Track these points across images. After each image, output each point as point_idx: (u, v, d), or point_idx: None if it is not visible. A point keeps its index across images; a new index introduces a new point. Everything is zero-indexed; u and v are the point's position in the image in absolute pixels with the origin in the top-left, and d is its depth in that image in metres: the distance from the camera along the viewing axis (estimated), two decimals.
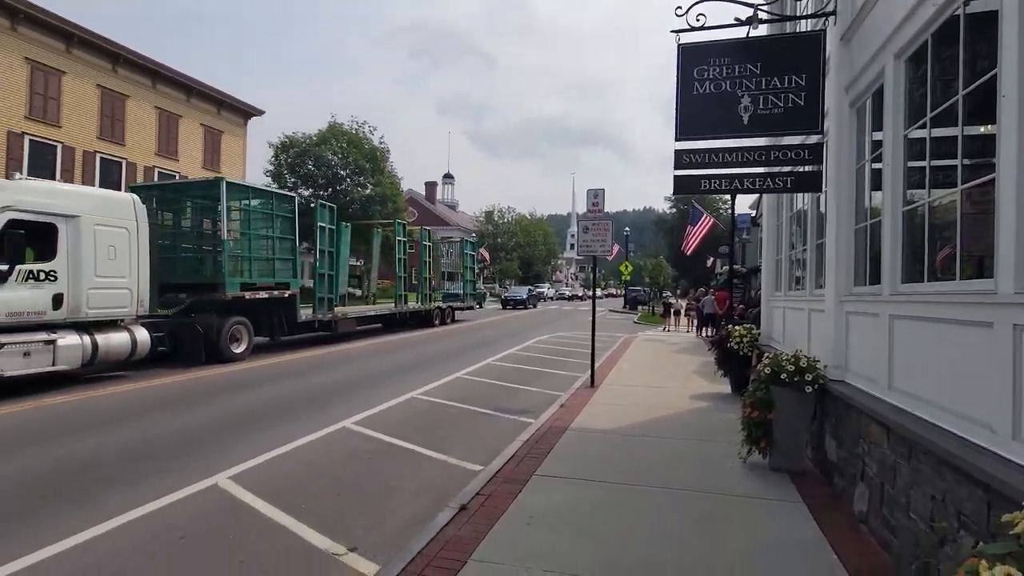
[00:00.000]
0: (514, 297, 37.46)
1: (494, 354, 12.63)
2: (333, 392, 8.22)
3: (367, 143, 33.89)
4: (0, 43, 17.82)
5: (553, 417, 6.47)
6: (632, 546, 3.29)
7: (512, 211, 61.39)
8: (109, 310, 8.93)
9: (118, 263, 9.00)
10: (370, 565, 3.25)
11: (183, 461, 4.97)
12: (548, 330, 19.70)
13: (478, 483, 4.29)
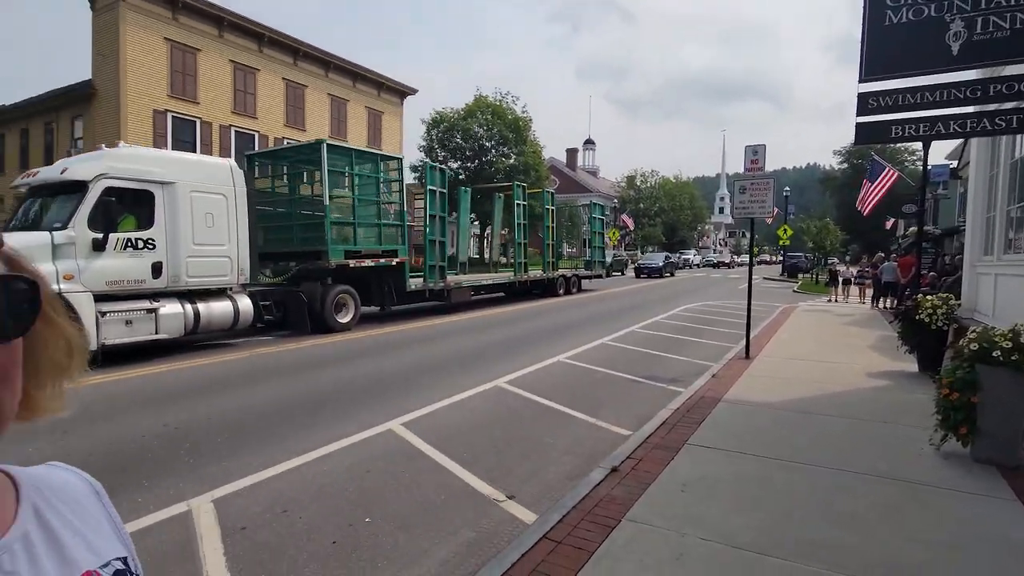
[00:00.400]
0: (648, 265, 33.98)
1: (635, 323, 12.40)
2: (468, 358, 8.74)
3: (510, 114, 34.53)
4: (212, 49, 21.09)
5: (705, 387, 6.23)
6: (799, 525, 3.11)
7: (656, 175, 58.68)
8: (208, 278, 8.83)
9: (216, 231, 8.84)
10: (527, 512, 3.48)
11: (358, 409, 5.68)
12: (694, 298, 18.78)
13: (628, 447, 4.32)
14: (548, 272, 18.53)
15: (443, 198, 13.34)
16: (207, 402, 5.83)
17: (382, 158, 12.49)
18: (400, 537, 3.18)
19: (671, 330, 11.37)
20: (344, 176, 11.49)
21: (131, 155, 8.40)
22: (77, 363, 0.52)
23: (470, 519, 3.40)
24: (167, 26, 19.78)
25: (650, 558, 2.74)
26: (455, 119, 34.18)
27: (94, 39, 19.63)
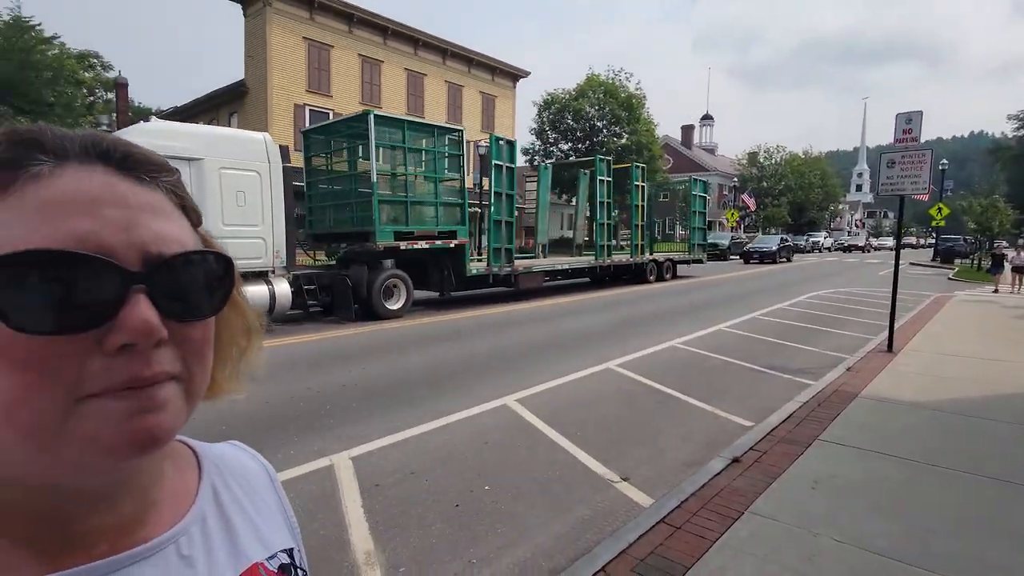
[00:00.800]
0: (760, 249, 29.51)
1: (755, 310, 11.63)
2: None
3: (623, 91, 33.54)
4: (342, 45, 22.70)
5: (838, 381, 5.73)
6: (953, 538, 2.79)
7: (782, 150, 53.90)
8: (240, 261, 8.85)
9: (248, 210, 8.23)
10: (642, 496, 3.46)
11: (472, 384, 5.94)
12: (824, 284, 17.18)
13: (751, 438, 4.12)
14: (636, 256, 16.65)
15: (511, 174, 12.02)
16: (338, 372, 6.42)
17: (439, 130, 11.14)
18: (517, 507, 3.32)
19: (797, 318, 10.53)
20: (400, 151, 10.35)
21: (156, 130, 7.90)
22: (254, 345, 0.52)
23: (584, 497, 3.46)
24: (305, 25, 21.58)
25: (777, 555, 2.62)
26: (566, 100, 33.88)
27: (246, 42, 21.95)
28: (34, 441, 0.35)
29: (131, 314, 0.36)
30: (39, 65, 19.00)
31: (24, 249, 0.34)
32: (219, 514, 0.50)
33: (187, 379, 0.40)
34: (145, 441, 0.37)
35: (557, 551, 2.87)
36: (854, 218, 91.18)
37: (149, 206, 0.40)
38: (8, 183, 0.36)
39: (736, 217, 35.27)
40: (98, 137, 0.40)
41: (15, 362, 0.34)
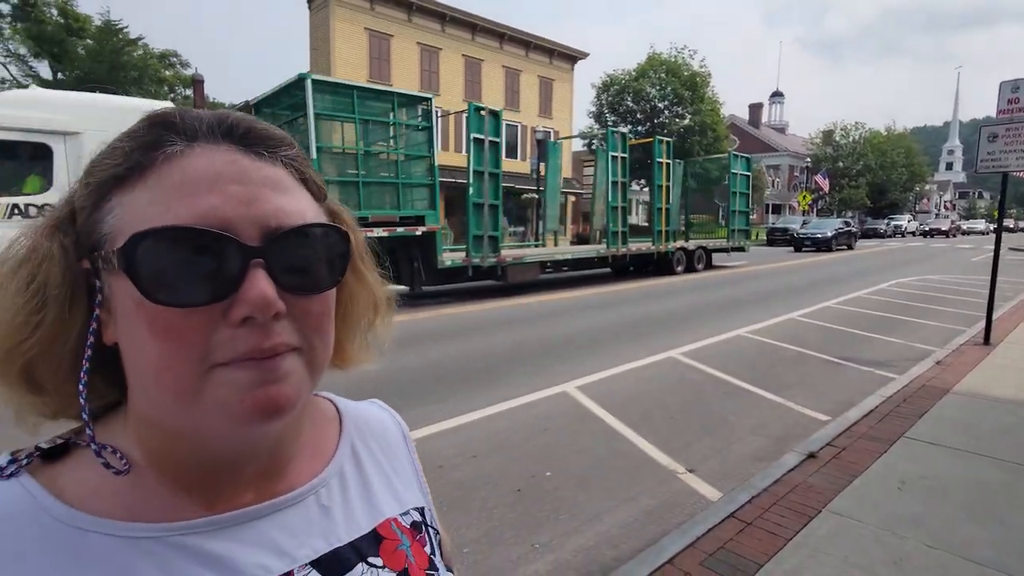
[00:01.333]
0: (812, 235, 25.34)
1: (829, 299, 10.97)
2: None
3: (687, 70, 32.23)
4: (402, 34, 23.03)
5: (926, 375, 5.31)
6: None
7: (861, 127, 50.22)
8: None
9: None
10: (710, 489, 3.34)
11: (531, 371, 5.93)
12: (908, 271, 15.97)
13: (828, 433, 3.89)
14: (659, 244, 14.44)
15: (495, 149, 10.28)
16: (395, 355, 6.57)
17: (402, 99, 9.46)
18: (579, 495, 3.28)
19: (877, 307, 9.85)
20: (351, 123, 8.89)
21: (26, 99, 6.72)
22: (382, 317, 0.54)
23: (648, 487, 3.38)
24: (366, 16, 22.02)
25: (859, 557, 2.46)
26: (626, 81, 32.95)
27: (310, 35, 22.67)
28: (177, 401, 0.38)
29: (250, 288, 0.38)
30: (127, 65, 20.41)
31: (152, 228, 0.36)
32: (357, 469, 0.53)
33: (308, 351, 0.42)
34: (268, 410, 0.39)
35: (621, 540, 2.82)
36: (942, 199, 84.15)
37: (269, 180, 0.41)
38: (149, 164, 0.39)
39: (808, 200, 33.32)
40: (224, 115, 0.42)
41: (157, 332, 0.37)
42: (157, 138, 0.40)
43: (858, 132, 49.96)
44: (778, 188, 53.05)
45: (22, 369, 0.40)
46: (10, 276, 0.39)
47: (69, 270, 0.40)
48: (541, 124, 27.14)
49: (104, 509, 0.40)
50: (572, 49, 29.22)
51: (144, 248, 0.36)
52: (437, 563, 0.54)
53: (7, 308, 0.39)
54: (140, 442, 0.43)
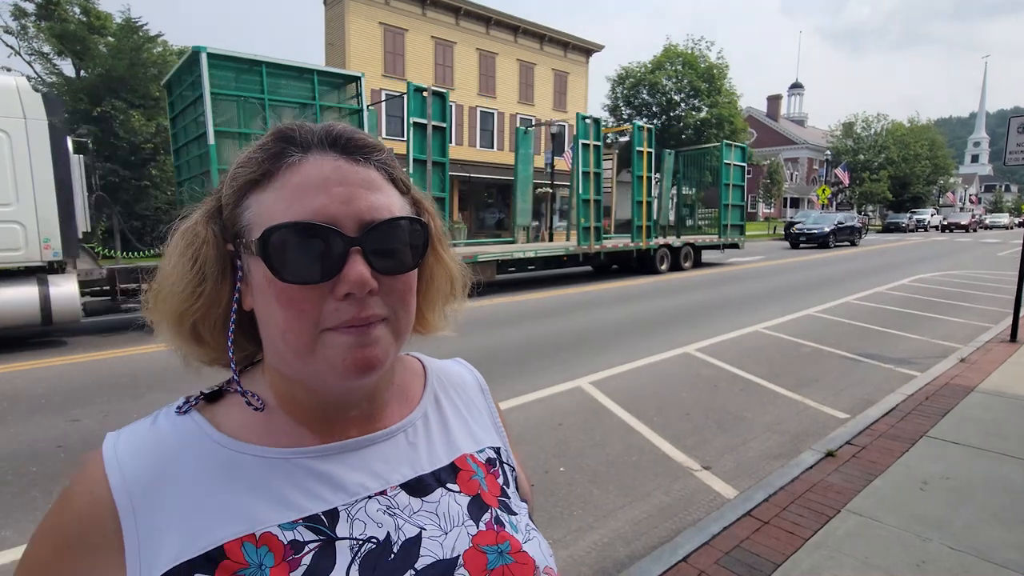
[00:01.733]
0: (809, 231, 23.38)
1: (849, 295, 10.78)
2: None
3: (703, 61, 31.79)
4: (416, 28, 23.01)
5: (950, 373, 5.20)
6: None
7: (884, 119, 49.14)
8: None
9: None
10: (726, 487, 3.30)
11: (545, 366, 5.91)
12: (931, 267, 15.63)
13: (847, 431, 3.82)
14: (639, 240, 13.34)
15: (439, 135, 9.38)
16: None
17: (324, 78, 8.32)
18: (593, 490, 3.27)
19: (898, 303, 9.65)
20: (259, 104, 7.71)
21: None
22: (458, 292, 0.64)
23: (663, 484, 3.35)
24: (381, 10, 22.03)
25: (880, 559, 2.41)
26: (642, 74, 32.61)
27: (326, 30, 22.75)
28: (297, 356, 0.49)
29: (351, 270, 0.48)
30: (146, 62, 20.65)
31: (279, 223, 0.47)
32: (438, 413, 0.63)
33: (394, 320, 0.52)
34: (363, 367, 0.49)
35: (635, 537, 2.80)
36: (967, 193, 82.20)
37: (365, 182, 0.51)
38: (276, 171, 0.50)
39: (828, 194, 32.72)
40: (330, 128, 0.52)
41: (282, 303, 0.48)
42: (281, 150, 0.50)
43: (880, 124, 48.91)
44: (797, 182, 52.23)
45: (191, 327, 0.53)
46: (181, 257, 0.52)
47: (219, 252, 0.52)
48: (555, 118, 26.98)
49: (247, 436, 0.53)
50: (587, 42, 28.95)
51: (273, 239, 0.47)
52: (509, 492, 0.62)
53: (181, 280, 0.51)
54: (271, 387, 0.55)
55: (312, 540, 0.49)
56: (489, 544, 0.55)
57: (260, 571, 0.47)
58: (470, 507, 0.57)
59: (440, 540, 0.53)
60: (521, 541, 0.56)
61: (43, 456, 3.65)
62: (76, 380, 5.30)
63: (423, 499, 0.55)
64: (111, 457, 0.50)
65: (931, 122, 55.78)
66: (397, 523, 0.53)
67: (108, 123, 19.05)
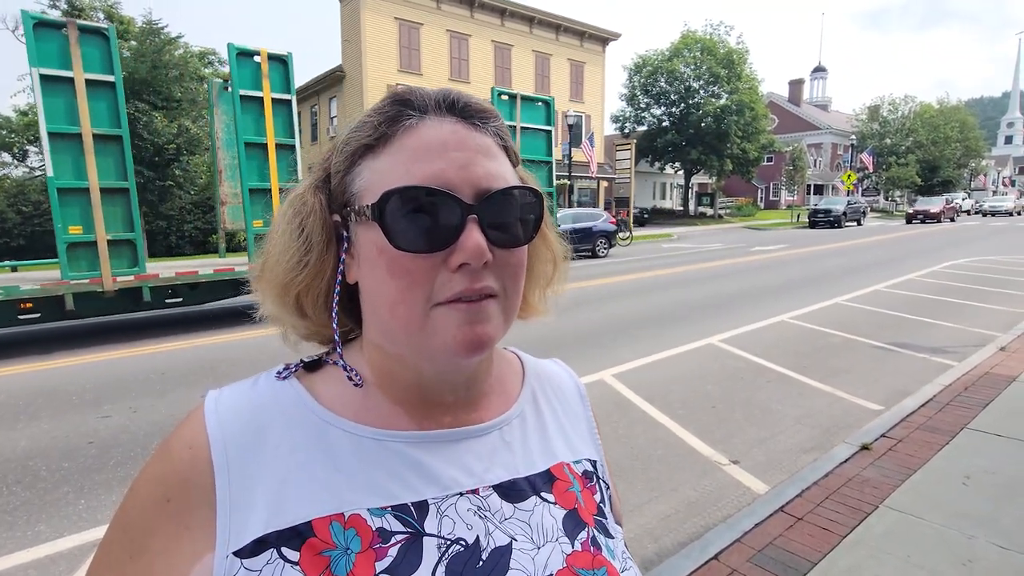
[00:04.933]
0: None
1: (867, 285, 10.48)
2: None
3: (723, 47, 31.16)
4: (431, 22, 22.95)
5: (989, 362, 5.00)
6: None
7: (912, 101, 47.65)
8: None
9: None
10: (756, 481, 3.21)
11: (567, 359, 5.84)
12: (964, 252, 15.12)
13: (883, 423, 3.69)
14: None
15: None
16: None
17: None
18: (620, 485, 3.16)
19: (932, 290, 9.35)
20: None
21: None
22: (559, 275, 0.60)
23: (690, 479, 3.27)
24: (396, 5, 22.01)
25: (923, 557, 2.30)
26: (659, 61, 32.09)
27: (342, 28, 22.82)
28: (408, 331, 0.47)
29: (468, 239, 0.45)
30: (168, 64, 20.96)
31: (399, 187, 0.45)
32: (536, 414, 0.59)
33: (504, 298, 0.49)
34: (474, 343, 0.46)
35: (663, 533, 2.73)
36: (1000, 175, 79.40)
37: (482, 148, 0.48)
38: (392, 135, 0.47)
39: (854, 179, 31.89)
40: (447, 92, 0.50)
41: (395, 272, 0.46)
42: (398, 113, 0.48)
43: (907, 107, 47.47)
44: (821, 168, 51.03)
45: (295, 298, 0.52)
46: (288, 225, 0.51)
47: (326, 222, 0.51)
48: (572, 108, 26.71)
49: (342, 411, 0.51)
50: (603, 30, 28.56)
51: (392, 203, 0.45)
52: (606, 511, 0.58)
53: (287, 250, 0.50)
54: (370, 364, 0.53)
55: (400, 531, 0.47)
56: (585, 568, 0.50)
57: (346, 555, 0.45)
58: (565, 522, 0.53)
59: (532, 554, 0.49)
60: (619, 570, 0.52)
61: (75, 452, 3.71)
62: (105, 376, 5.40)
63: (516, 505, 0.52)
64: (212, 413, 0.49)
65: (961, 103, 53.95)
66: (488, 528, 0.49)
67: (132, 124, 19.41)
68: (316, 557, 0.45)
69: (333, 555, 0.45)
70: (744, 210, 40.71)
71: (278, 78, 7.50)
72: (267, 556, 0.44)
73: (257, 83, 7.28)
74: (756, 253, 16.50)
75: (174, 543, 0.45)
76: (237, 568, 0.44)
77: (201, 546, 0.45)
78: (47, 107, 5.99)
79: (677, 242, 21.98)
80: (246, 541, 0.44)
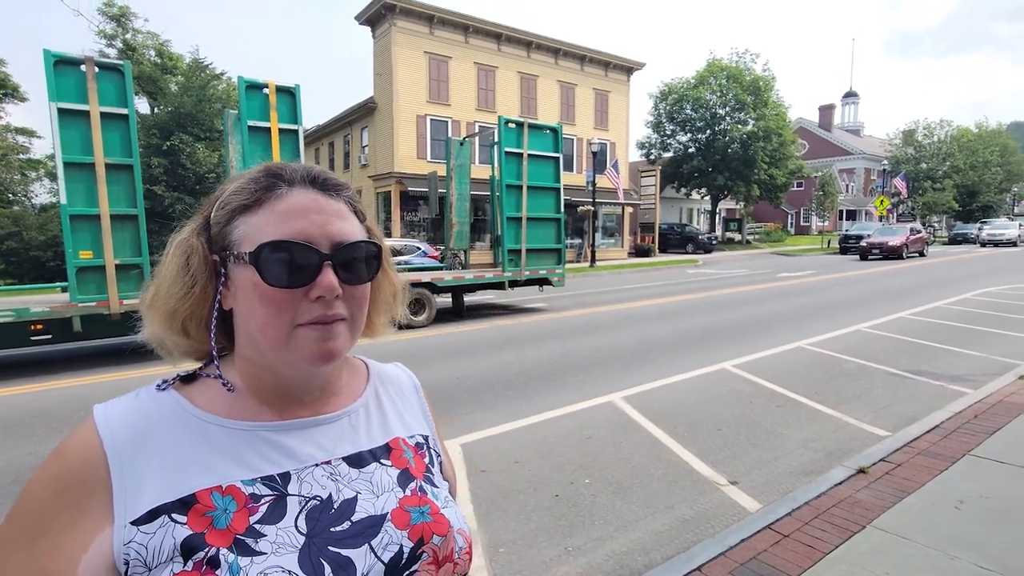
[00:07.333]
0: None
1: (892, 312, 10.29)
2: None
3: (748, 74, 31.29)
4: (459, 55, 23.78)
5: (1006, 390, 4.94)
6: None
7: (948, 125, 46.65)
8: None
9: None
10: (751, 501, 3.29)
11: (580, 380, 5.97)
12: (997, 280, 14.67)
13: (884, 448, 3.72)
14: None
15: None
16: (453, 365, 6.79)
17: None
18: (617, 502, 3.32)
19: (958, 318, 9.16)
20: None
21: None
22: (399, 305, 0.78)
23: (687, 497, 3.37)
24: (426, 40, 22.93)
25: (902, 574, 2.37)
26: (684, 89, 32.38)
27: (374, 60, 23.84)
28: (274, 346, 0.62)
29: (324, 278, 0.61)
30: (212, 98, 22.20)
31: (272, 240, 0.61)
32: (377, 405, 0.77)
33: (351, 321, 0.65)
34: (326, 355, 0.63)
35: (654, 548, 2.84)
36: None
37: (336, 212, 0.65)
38: (266, 200, 0.63)
39: (887, 205, 31.27)
40: (310, 169, 0.67)
41: (267, 302, 0.61)
42: (271, 183, 0.64)
43: (944, 131, 46.46)
44: (853, 193, 50.11)
45: (181, 322, 0.65)
46: (177, 263, 0.64)
47: (206, 260, 0.64)
48: (597, 136, 27.09)
49: (217, 411, 0.65)
50: (628, 60, 29.05)
51: (265, 251, 0.60)
52: (433, 471, 0.76)
53: (176, 283, 0.64)
54: (240, 374, 0.67)
55: (267, 494, 0.61)
56: (413, 505, 0.67)
57: (225, 514, 0.59)
58: (399, 478, 0.70)
59: (372, 501, 0.66)
60: (440, 506, 0.69)
61: None
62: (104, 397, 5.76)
63: (360, 470, 0.68)
64: (102, 420, 0.60)
65: (1002, 126, 52.49)
66: (338, 487, 0.65)
67: (176, 155, 20.52)
68: (201, 518, 0.57)
69: (215, 515, 0.58)
70: (773, 235, 40.18)
71: (286, 109, 7.81)
72: (160, 521, 0.56)
73: (265, 114, 7.60)
74: (782, 279, 16.32)
75: (77, 520, 0.55)
76: (134, 533, 0.56)
77: (101, 520, 0.56)
78: (63, 139, 6.37)
79: (702, 267, 21.87)
80: (141, 512, 0.56)
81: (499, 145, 10.03)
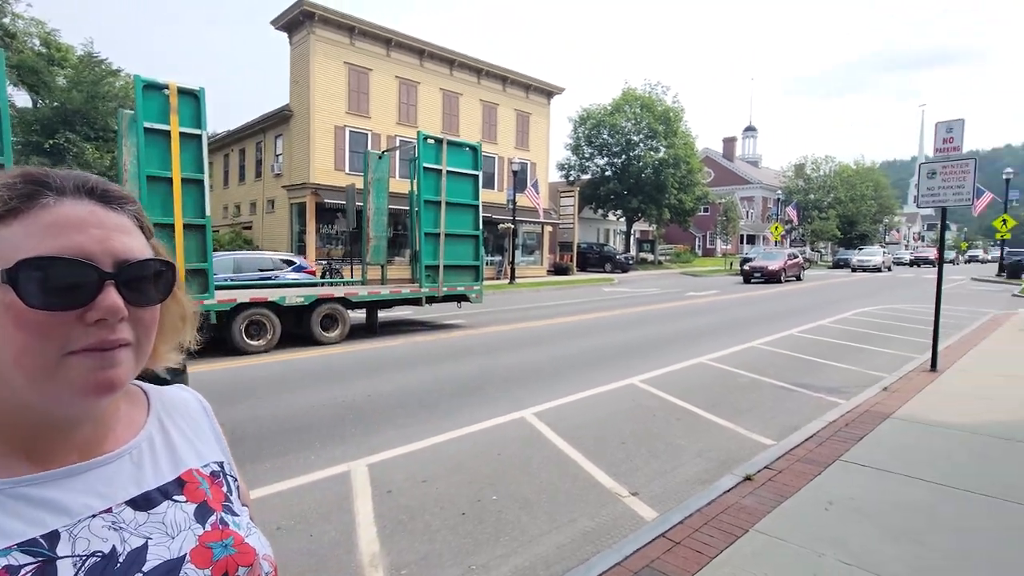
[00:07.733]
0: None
1: (783, 330, 11.27)
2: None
3: (660, 105, 33.33)
4: (381, 68, 23.52)
5: (871, 400, 5.51)
6: (969, 568, 2.66)
7: (831, 161, 52.08)
8: None
9: None
10: (649, 510, 3.44)
11: (494, 397, 6.00)
12: (875, 301, 16.47)
13: (768, 456, 4.03)
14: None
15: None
16: (366, 383, 6.61)
17: None
18: (523, 517, 3.35)
19: (839, 335, 10.15)
20: None
21: None
22: (188, 329, 0.68)
23: (590, 510, 3.46)
24: (346, 51, 22.49)
25: (777, 573, 2.56)
26: (601, 115, 33.90)
27: (291, 68, 23.04)
28: (34, 378, 0.52)
29: (104, 299, 0.53)
30: (106, 96, 20.46)
31: (36, 255, 0.51)
32: (163, 436, 0.68)
33: (137, 346, 0.57)
34: (105, 387, 0.54)
35: (556, 561, 2.89)
36: (911, 231, 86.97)
37: (119, 226, 0.57)
38: (26, 209, 0.53)
39: (781, 231, 34.24)
40: (86, 177, 0.58)
41: (25, 326, 0.51)
42: (33, 191, 0.54)
43: (828, 165, 51.74)
44: (752, 219, 54.45)
45: None
46: None
47: None
48: (518, 156, 27.65)
49: None
50: (548, 84, 30.05)
51: (26, 269, 0.50)
52: (232, 499, 0.70)
53: None
54: None
55: (29, 563, 0.51)
56: (215, 541, 0.62)
57: None
58: (196, 513, 0.63)
59: (167, 544, 0.59)
60: (243, 536, 0.64)
61: None
62: None
63: (149, 512, 0.60)
64: None
65: (875, 164, 59.25)
66: (123, 536, 0.57)
67: (61, 155, 18.67)
68: None
69: None
70: (683, 257, 42.72)
71: (188, 113, 7.47)
72: None
73: (165, 116, 7.26)
74: (689, 298, 17.34)
75: None
76: None
77: None
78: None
79: (618, 286, 22.78)
80: None
81: (418, 160, 10.01)
